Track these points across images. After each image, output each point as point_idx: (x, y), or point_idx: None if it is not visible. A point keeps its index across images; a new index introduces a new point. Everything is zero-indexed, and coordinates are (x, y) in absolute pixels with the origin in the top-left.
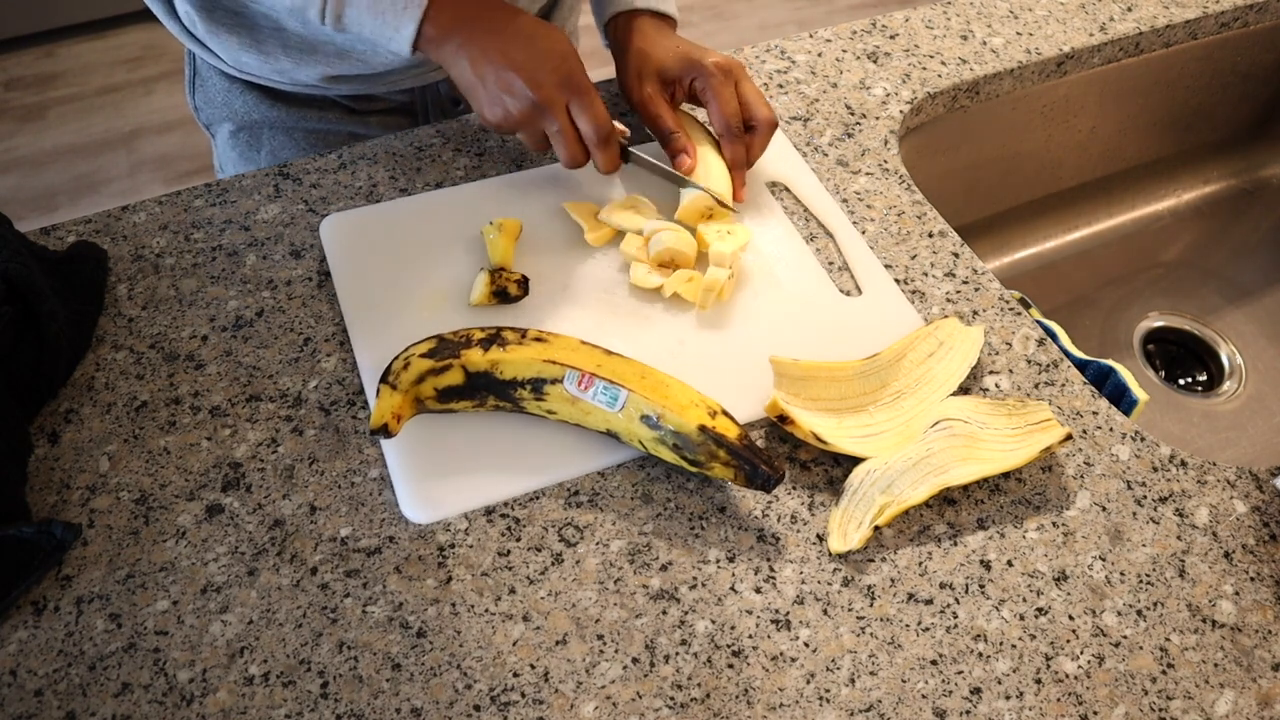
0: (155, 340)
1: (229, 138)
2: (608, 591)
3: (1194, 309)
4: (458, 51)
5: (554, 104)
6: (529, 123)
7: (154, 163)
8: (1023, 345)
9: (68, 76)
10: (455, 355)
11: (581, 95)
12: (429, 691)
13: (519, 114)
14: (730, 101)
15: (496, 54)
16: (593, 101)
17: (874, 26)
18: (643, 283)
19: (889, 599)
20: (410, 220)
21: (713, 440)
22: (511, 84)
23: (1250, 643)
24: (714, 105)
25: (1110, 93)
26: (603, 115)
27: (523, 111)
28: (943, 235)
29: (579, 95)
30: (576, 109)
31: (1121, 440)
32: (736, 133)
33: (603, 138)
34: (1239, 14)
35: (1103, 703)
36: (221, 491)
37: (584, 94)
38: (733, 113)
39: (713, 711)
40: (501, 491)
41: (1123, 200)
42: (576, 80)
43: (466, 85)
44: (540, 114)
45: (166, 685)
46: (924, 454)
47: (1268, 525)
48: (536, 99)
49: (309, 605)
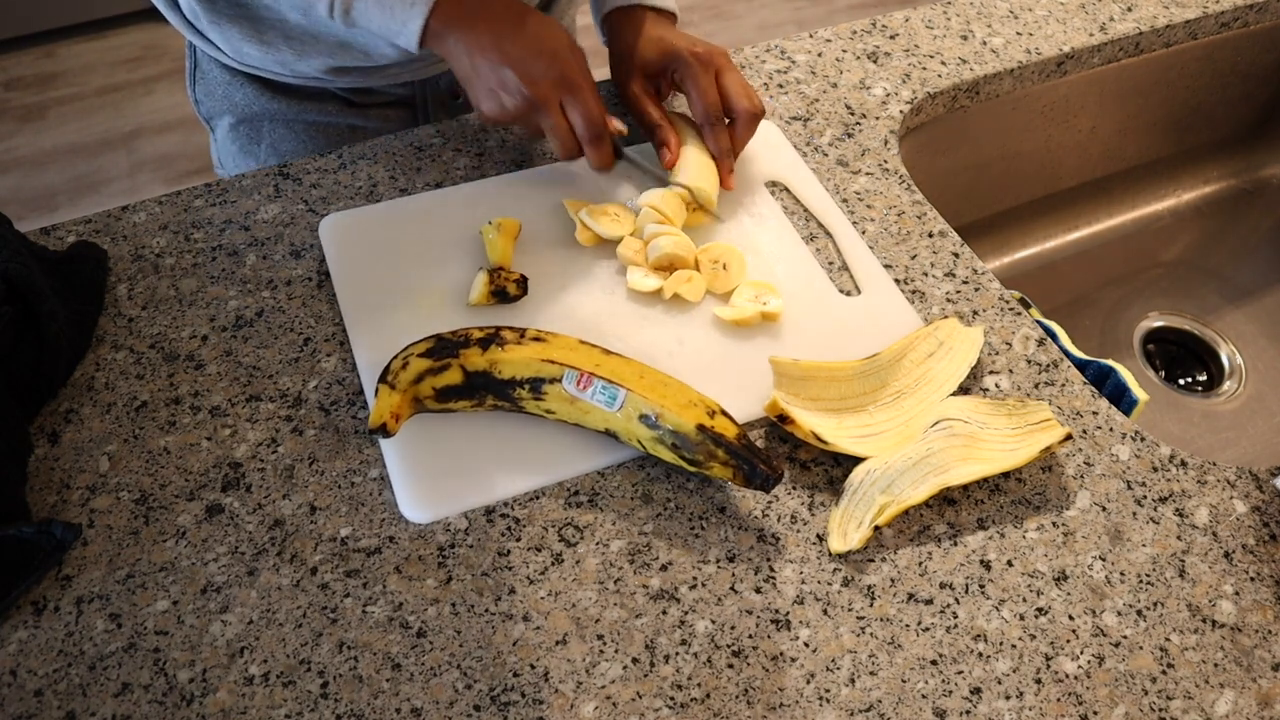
0: (155, 340)
1: (229, 130)
2: (608, 591)
3: (1194, 309)
4: (458, 44)
5: (547, 100)
6: (524, 117)
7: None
8: (1023, 345)
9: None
10: (454, 355)
11: (575, 92)
12: (429, 691)
13: (514, 109)
14: (709, 91)
15: (493, 48)
16: (586, 98)
17: (874, 26)
18: (640, 286)
19: (889, 599)
20: (409, 220)
21: (711, 440)
22: (506, 79)
23: (1250, 643)
24: (692, 95)
25: (1110, 93)
26: (595, 113)
27: (517, 106)
28: (943, 235)
29: (573, 92)
30: (570, 105)
31: (1121, 440)
32: (716, 122)
33: (594, 135)
34: (1239, 14)
35: (1103, 703)
36: (221, 491)
37: (578, 91)
38: (711, 102)
39: (713, 711)
40: (501, 491)
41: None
42: (571, 77)
43: (464, 77)
44: (534, 110)
45: (166, 685)
46: (924, 454)
47: (1268, 525)
48: (530, 95)
49: (309, 605)
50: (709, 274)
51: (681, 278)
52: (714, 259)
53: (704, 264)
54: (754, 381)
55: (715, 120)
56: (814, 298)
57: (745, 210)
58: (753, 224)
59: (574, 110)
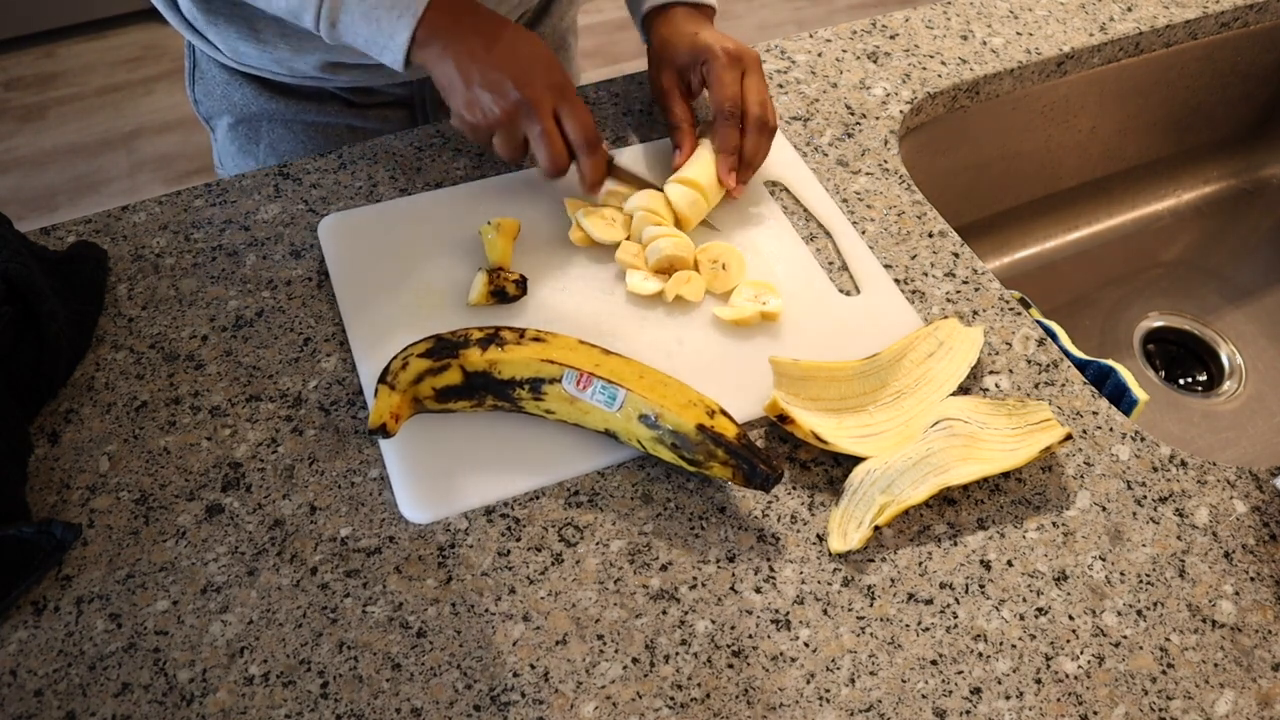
0: (155, 340)
1: (228, 131)
2: (608, 591)
3: (1194, 309)
4: (444, 53)
5: (541, 104)
6: (510, 123)
7: (154, 163)
8: (1023, 345)
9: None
10: (453, 355)
11: (570, 101)
12: (429, 691)
13: (502, 112)
14: (729, 85)
15: (484, 53)
16: (581, 108)
17: (874, 26)
18: (640, 290)
19: (889, 599)
20: (408, 220)
21: (711, 439)
22: (499, 83)
23: (1250, 643)
24: (713, 89)
25: (1110, 93)
26: (591, 121)
27: (506, 110)
28: (943, 235)
29: (567, 101)
30: (565, 113)
31: (1121, 440)
32: (728, 117)
33: (590, 142)
34: (1239, 14)
35: (1103, 703)
36: (221, 491)
37: (572, 100)
38: (728, 96)
39: (713, 711)
40: (501, 491)
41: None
42: (564, 87)
43: (448, 85)
44: (525, 114)
45: (166, 685)
46: (924, 454)
47: (1268, 525)
48: (523, 97)
49: (309, 605)
50: (708, 274)
51: (682, 279)
52: (713, 259)
53: (703, 264)
54: (754, 381)
55: (728, 115)
56: (814, 298)
57: (745, 210)
58: (752, 224)
59: (569, 117)
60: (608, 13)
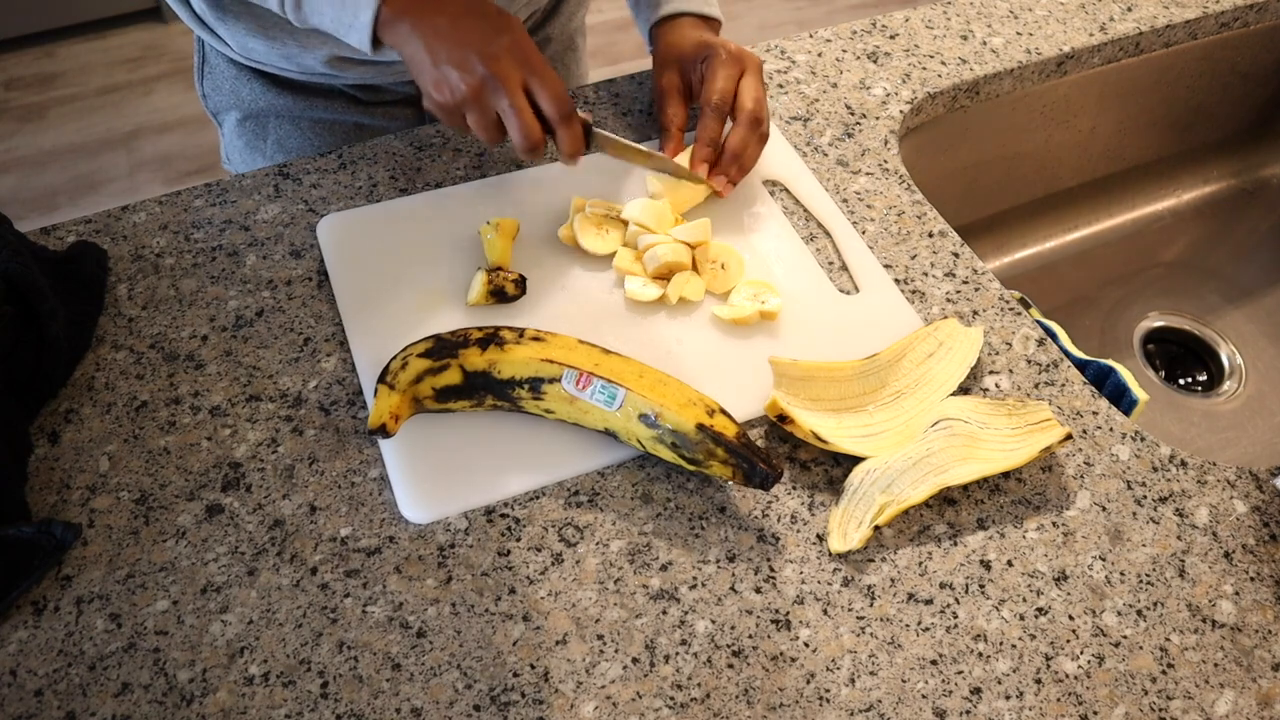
0: (155, 340)
1: (236, 126)
2: (608, 591)
3: (1194, 309)
4: (411, 31)
5: (508, 78)
6: (479, 99)
7: (154, 163)
8: (1023, 345)
9: (68, 76)
10: (453, 355)
11: (540, 73)
12: (429, 691)
13: (469, 89)
14: (722, 81)
15: (449, 30)
16: (553, 79)
17: (874, 26)
18: (640, 297)
19: (889, 599)
20: (408, 220)
21: (711, 438)
22: (465, 58)
23: (1250, 643)
24: (705, 82)
25: (1110, 93)
26: (563, 92)
27: (473, 87)
28: (943, 235)
29: (537, 73)
30: (536, 85)
31: (1121, 440)
32: (714, 110)
33: (564, 114)
34: (1239, 14)
35: (1103, 703)
36: (221, 491)
37: (543, 72)
38: (718, 90)
39: (713, 711)
40: (501, 491)
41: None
42: (533, 59)
43: (417, 65)
44: (492, 90)
45: (166, 685)
46: (924, 453)
47: (1268, 525)
48: (490, 72)
49: (309, 605)
50: (708, 274)
51: (681, 280)
52: (712, 259)
53: (702, 264)
54: (753, 381)
55: (714, 109)
56: (813, 297)
57: (744, 210)
58: (752, 223)
59: (540, 89)
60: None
